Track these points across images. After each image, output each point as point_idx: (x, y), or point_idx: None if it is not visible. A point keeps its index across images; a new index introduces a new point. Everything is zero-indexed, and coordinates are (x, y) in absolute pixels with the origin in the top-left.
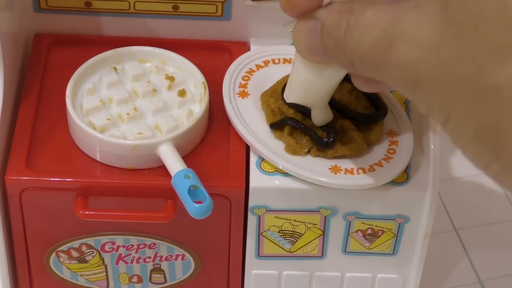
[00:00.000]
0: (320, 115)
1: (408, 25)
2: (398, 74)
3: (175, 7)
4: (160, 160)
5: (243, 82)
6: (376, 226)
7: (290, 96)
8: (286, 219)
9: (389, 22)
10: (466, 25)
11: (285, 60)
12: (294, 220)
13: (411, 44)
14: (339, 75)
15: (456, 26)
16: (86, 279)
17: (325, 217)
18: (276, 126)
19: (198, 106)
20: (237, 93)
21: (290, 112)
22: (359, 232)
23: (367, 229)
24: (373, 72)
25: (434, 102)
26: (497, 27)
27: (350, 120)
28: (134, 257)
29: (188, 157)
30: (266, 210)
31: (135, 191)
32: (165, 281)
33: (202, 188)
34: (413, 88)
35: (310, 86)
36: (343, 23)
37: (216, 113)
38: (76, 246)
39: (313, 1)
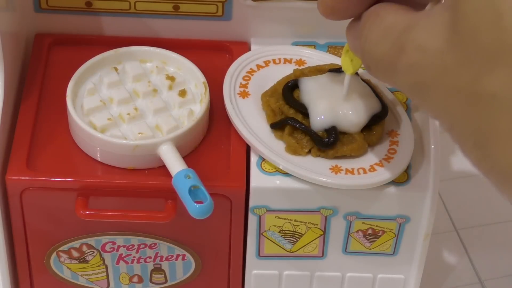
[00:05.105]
0: None
1: (419, 33)
2: (406, 78)
3: (176, 7)
4: (160, 160)
5: (243, 82)
6: (376, 226)
7: None
8: (287, 219)
9: (403, 30)
10: (466, 33)
11: (285, 60)
12: (295, 220)
13: (419, 50)
14: None
15: (458, 35)
16: (86, 279)
17: (326, 217)
18: (276, 126)
19: (198, 106)
20: (238, 93)
21: (291, 112)
22: (360, 232)
23: (367, 229)
24: (385, 77)
25: (439, 108)
26: (492, 35)
27: None
28: (134, 257)
29: (188, 157)
30: (267, 210)
31: (136, 191)
32: (166, 281)
33: (202, 188)
34: (420, 92)
35: None
36: (366, 27)
37: (216, 113)
38: (77, 246)
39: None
